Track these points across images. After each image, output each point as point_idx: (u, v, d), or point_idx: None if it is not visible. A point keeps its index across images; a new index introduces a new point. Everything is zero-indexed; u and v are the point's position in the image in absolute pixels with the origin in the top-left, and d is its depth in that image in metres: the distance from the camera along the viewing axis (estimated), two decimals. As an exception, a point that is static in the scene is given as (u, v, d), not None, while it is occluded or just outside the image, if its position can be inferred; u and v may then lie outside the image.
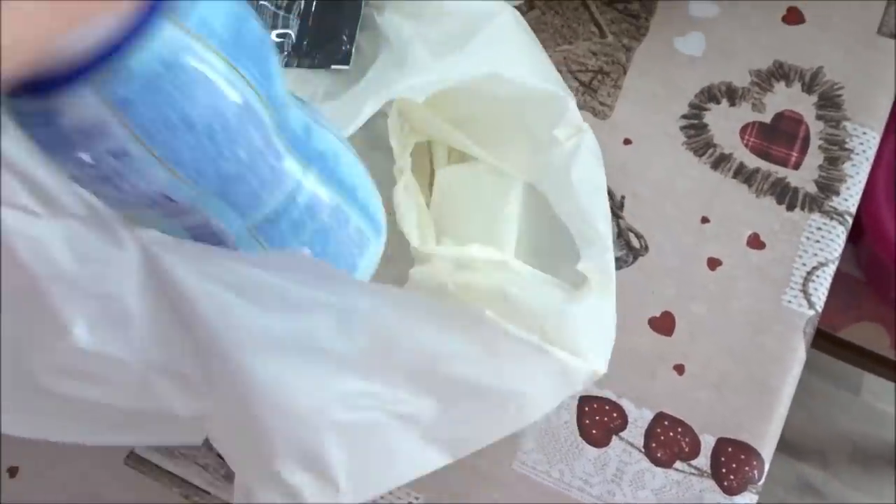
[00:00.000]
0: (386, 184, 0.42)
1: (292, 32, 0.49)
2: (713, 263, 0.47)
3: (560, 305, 0.36)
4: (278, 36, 0.50)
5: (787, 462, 1.18)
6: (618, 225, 0.48)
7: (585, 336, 0.35)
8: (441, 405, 0.32)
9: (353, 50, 0.46)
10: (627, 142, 0.50)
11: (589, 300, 0.36)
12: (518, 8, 0.51)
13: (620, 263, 0.47)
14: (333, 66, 0.48)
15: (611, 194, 0.48)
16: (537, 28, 0.52)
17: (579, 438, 0.44)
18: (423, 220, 0.41)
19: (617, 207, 0.48)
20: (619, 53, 0.52)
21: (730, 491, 0.42)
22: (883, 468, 1.19)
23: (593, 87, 0.51)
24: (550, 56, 0.43)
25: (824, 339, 0.88)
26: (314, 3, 0.51)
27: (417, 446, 0.33)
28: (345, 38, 0.48)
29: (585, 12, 0.53)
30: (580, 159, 0.40)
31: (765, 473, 0.43)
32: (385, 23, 0.43)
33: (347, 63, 0.47)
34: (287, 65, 0.49)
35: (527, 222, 0.44)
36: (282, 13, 0.50)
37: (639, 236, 0.48)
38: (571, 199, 0.40)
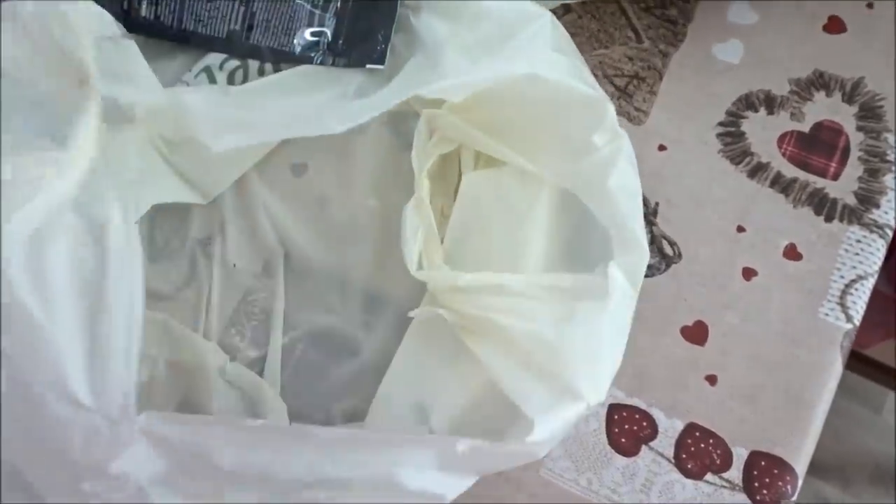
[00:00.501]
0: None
1: (328, 31, 0.49)
2: (748, 273, 0.46)
3: (553, 334, 0.35)
4: (313, 34, 0.49)
5: (807, 479, 1.17)
6: (651, 231, 0.47)
7: (580, 364, 0.35)
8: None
9: (388, 50, 0.46)
10: (662, 148, 0.49)
11: (596, 316, 0.36)
12: (554, 12, 0.51)
13: (653, 270, 0.46)
14: (368, 66, 0.48)
15: (644, 201, 0.48)
16: (573, 32, 0.51)
17: (608, 447, 0.43)
18: (430, 242, 0.41)
19: (650, 214, 0.48)
20: (656, 59, 0.51)
21: (762, 505, 0.41)
22: (904, 489, 1.17)
23: (629, 91, 0.50)
24: (586, 60, 0.43)
25: (851, 357, 0.86)
26: (350, 2, 0.50)
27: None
28: (380, 37, 0.48)
29: (622, 17, 0.52)
30: (618, 165, 0.39)
31: (798, 489, 0.42)
32: (421, 24, 0.42)
33: (382, 63, 0.47)
34: (322, 62, 0.48)
35: (560, 225, 0.43)
36: (318, 12, 0.50)
37: (672, 244, 0.47)
38: (609, 206, 0.39)
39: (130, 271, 0.34)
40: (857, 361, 0.89)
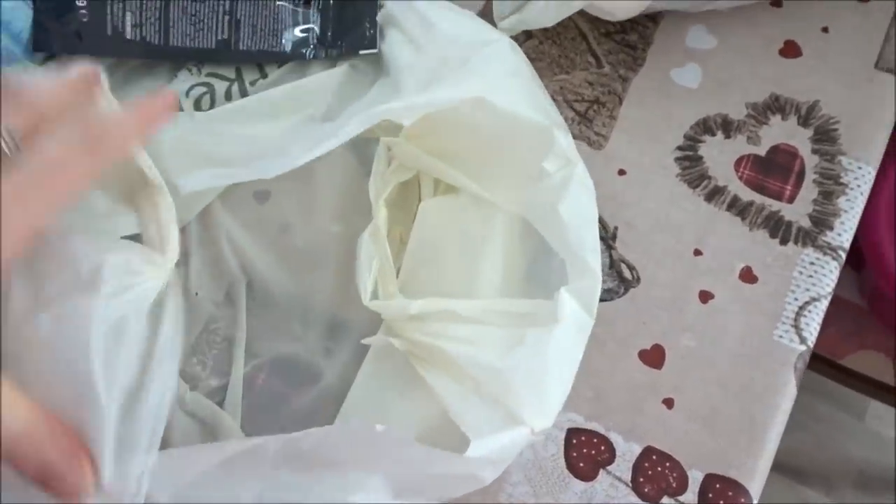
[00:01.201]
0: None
1: (315, 27, 0.50)
2: (705, 296, 0.47)
3: (500, 359, 0.35)
4: (302, 31, 0.50)
5: (791, 486, 1.18)
6: (610, 256, 0.48)
7: (524, 390, 0.35)
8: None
9: (378, 34, 0.47)
10: (622, 172, 0.50)
11: (544, 341, 0.36)
12: (516, 38, 0.51)
13: (612, 294, 0.47)
14: (362, 52, 0.48)
15: (604, 225, 0.48)
16: (535, 58, 0.52)
17: (566, 472, 0.44)
18: (385, 271, 0.41)
19: (609, 238, 0.48)
20: (616, 84, 0.52)
21: (717, 528, 0.42)
22: (887, 495, 1.17)
23: (588, 116, 0.51)
24: (547, 86, 0.43)
25: (828, 367, 0.87)
26: None
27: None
28: (367, 24, 0.49)
29: (583, 42, 0.53)
30: (570, 192, 0.40)
31: (753, 511, 0.43)
32: (386, 46, 0.43)
33: (374, 47, 0.47)
34: (315, 56, 0.49)
35: (519, 251, 0.44)
36: (301, 9, 0.51)
37: (631, 268, 0.48)
38: (561, 231, 0.40)
39: (172, 354, 0.34)
40: (837, 372, 0.89)
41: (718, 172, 0.49)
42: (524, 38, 0.53)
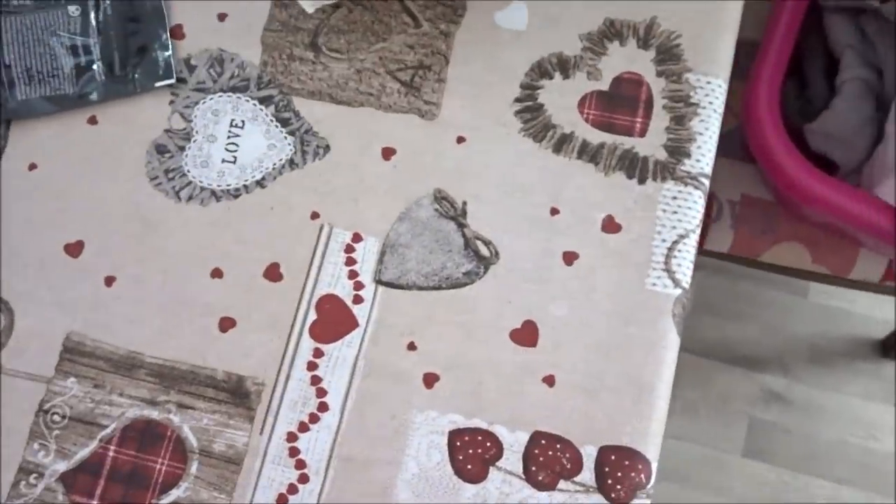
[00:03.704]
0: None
1: (96, 59, 0.45)
2: (569, 257, 0.43)
3: None
4: (84, 66, 0.45)
5: (748, 376, 1.18)
6: (463, 235, 0.44)
7: None
8: None
9: (173, 60, 0.42)
10: (461, 140, 0.45)
11: None
12: (323, 10, 0.46)
13: (472, 277, 0.43)
14: (157, 84, 0.44)
15: (451, 202, 0.44)
16: (348, 29, 0.47)
17: (455, 477, 0.41)
18: None
19: (460, 216, 0.44)
20: (438, 42, 0.47)
21: (619, 502, 0.40)
22: (842, 362, 1.19)
23: (415, 85, 0.46)
24: (365, 59, 0.39)
25: (749, 266, 0.86)
26: (110, 16, 0.46)
27: None
28: (156, 47, 0.44)
29: (395, 2, 0.48)
30: None
31: (653, 474, 0.40)
32: None
33: (172, 76, 0.43)
34: (105, 98, 0.45)
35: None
36: (79, 39, 0.46)
37: (487, 243, 0.44)
38: None
39: None
40: (756, 268, 0.88)
41: (562, 118, 0.45)
42: (332, 10, 0.48)
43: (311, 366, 0.43)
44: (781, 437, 1.12)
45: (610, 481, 0.40)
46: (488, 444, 0.41)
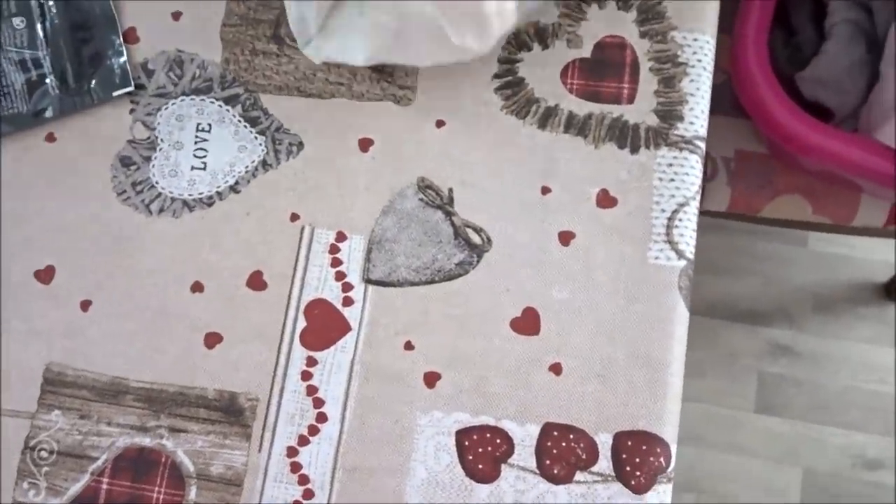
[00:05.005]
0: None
1: (48, 73, 0.43)
2: (565, 237, 0.41)
3: None
4: (36, 81, 0.43)
5: (753, 331, 1.17)
6: (452, 224, 0.42)
7: None
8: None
9: (129, 66, 0.40)
10: (440, 124, 0.43)
11: None
12: None
13: (465, 267, 0.41)
14: (115, 94, 0.43)
15: (436, 190, 0.42)
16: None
17: (466, 479, 0.39)
18: None
19: (447, 204, 0.42)
20: (408, 21, 0.44)
21: (639, 489, 0.38)
22: (846, 309, 1.18)
23: (388, 70, 0.44)
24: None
25: (749, 222, 0.84)
26: (57, 24, 0.44)
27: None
28: (110, 53, 0.42)
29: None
30: None
31: (673, 457, 0.38)
32: None
33: (129, 84, 0.41)
34: (61, 114, 0.43)
35: None
36: (27, 52, 0.43)
37: (478, 230, 0.42)
38: None
39: None
40: (757, 224, 0.86)
41: (546, 91, 0.43)
42: (292, -1, 0.45)
43: (306, 375, 0.41)
44: (792, 389, 1.11)
45: (628, 468, 0.38)
46: (498, 440, 0.39)
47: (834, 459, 1.07)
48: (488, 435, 0.39)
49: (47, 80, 0.44)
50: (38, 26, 0.44)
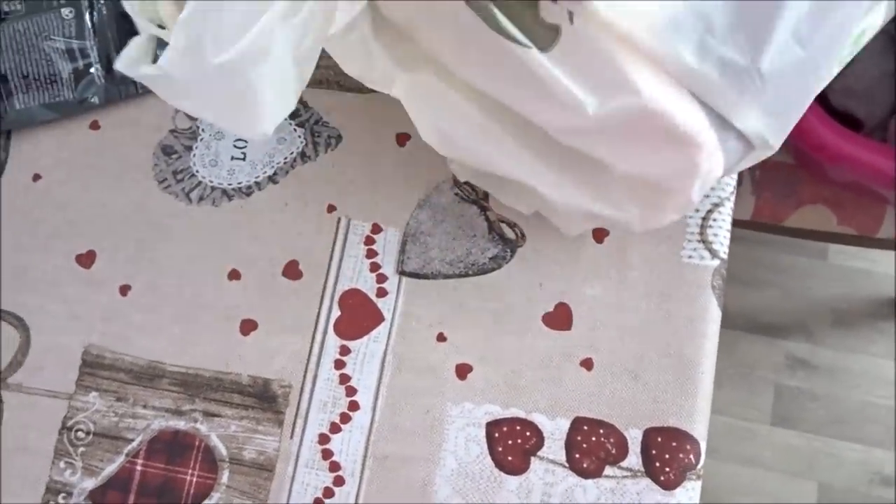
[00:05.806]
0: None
1: (94, 61, 0.44)
2: (599, 235, 0.42)
3: None
4: (82, 70, 0.44)
5: (771, 343, 1.17)
6: (486, 218, 0.42)
7: None
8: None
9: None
10: (477, 120, 0.44)
11: None
12: None
13: (498, 262, 0.42)
14: None
15: (472, 185, 0.43)
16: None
17: (496, 470, 0.39)
18: None
19: (481, 198, 0.43)
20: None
21: (668, 485, 0.38)
22: (866, 323, 1.17)
23: (426, 66, 0.44)
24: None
25: (773, 232, 0.84)
26: (104, 14, 0.45)
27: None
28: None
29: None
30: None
31: (702, 454, 0.39)
32: None
33: None
34: (108, 100, 0.43)
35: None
36: (75, 43, 0.44)
37: (512, 225, 0.42)
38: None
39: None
40: (781, 234, 0.86)
41: (582, 91, 0.43)
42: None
43: (339, 364, 0.41)
44: (809, 402, 1.11)
45: (658, 464, 0.38)
46: (528, 433, 0.40)
47: (850, 475, 1.06)
48: (518, 427, 0.40)
49: (93, 69, 0.45)
50: (87, 16, 0.45)
